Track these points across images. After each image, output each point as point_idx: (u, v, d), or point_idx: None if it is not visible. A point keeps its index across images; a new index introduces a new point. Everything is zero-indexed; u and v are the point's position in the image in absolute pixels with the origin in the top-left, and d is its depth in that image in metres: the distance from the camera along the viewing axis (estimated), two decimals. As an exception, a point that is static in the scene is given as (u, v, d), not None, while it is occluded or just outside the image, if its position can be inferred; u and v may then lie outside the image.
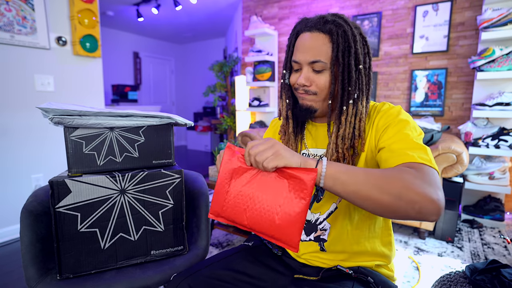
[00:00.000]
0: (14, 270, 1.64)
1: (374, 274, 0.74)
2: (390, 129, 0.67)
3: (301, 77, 0.71)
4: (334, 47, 0.67)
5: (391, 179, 0.54)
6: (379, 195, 0.53)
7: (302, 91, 0.72)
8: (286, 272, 0.79)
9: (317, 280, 0.73)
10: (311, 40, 0.69)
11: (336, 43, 0.67)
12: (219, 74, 4.54)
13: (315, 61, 0.68)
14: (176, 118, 0.95)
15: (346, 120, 0.69)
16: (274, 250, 0.84)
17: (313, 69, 0.70)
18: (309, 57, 0.69)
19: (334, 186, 0.55)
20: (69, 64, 2.25)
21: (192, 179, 1.14)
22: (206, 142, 5.99)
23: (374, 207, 0.54)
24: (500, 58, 2.13)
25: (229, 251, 0.85)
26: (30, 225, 0.86)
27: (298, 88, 0.73)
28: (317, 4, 3.27)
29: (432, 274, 1.61)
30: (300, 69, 0.72)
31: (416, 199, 0.51)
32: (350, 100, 0.69)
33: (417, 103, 2.83)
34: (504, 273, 0.87)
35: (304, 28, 0.70)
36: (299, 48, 0.71)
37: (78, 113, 0.82)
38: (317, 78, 0.70)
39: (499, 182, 2.19)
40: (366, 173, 0.55)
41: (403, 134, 0.64)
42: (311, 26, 0.69)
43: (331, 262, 0.76)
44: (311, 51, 0.68)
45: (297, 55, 0.71)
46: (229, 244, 1.96)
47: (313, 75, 0.70)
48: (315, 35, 0.69)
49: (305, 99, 0.73)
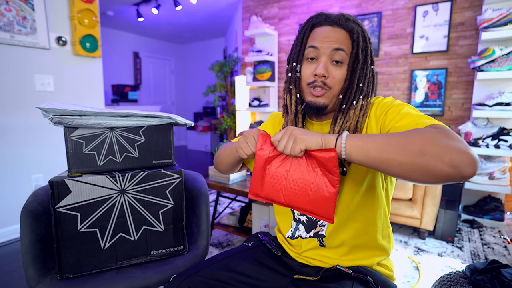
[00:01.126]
0: (14, 270, 1.64)
1: (374, 273, 0.74)
2: (390, 112, 0.67)
3: (320, 66, 0.68)
4: (354, 45, 0.68)
5: (412, 137, 0.51)
6: (403, 155, 0.50)
7: (320, 83, 0.69)
8: (286, 273, 0.79)
9: (316, 280, 0.73)
10: (333, 32, 0.68)
11: (357, 41, 0.68)
12: (219, 74, 4.54)
13: (338, 49, 0.67)
14: (176, 118, 0.96)
15: (354, 114, 0.70)
16: (274, 251, 0.84)
17: (333, 60, 0.68)
18: (332, 44, 0.67)
19: (357, 156, 0.55)
20: (69, 64, 2.25)
21: (192, 179, 1.14)
22: (206, 142, 5.99)
23: (402, 169, 0.51)
24: (500, 58, 2.13)
25: (229, 251, 0.85)
26: (30, 225, 0.86)
27: (316, 81, 0.69)
28: (317, 4, 3.27)
29: (432, 274, 1.61)
30: (316, 59, 0.70)
31: (443, 151, 0.47)
32: (361, 95, 0.70)
33: (417, 103, 2.83)
34: (504, 273, 0.87)
35: (324, 22, 0.69)
36: (319, 37, 0.69)
37: (78, 113, 0.82)
38: (335, 71, 0.69)
39: (499, 182, 2.19)
40: (386, 137, 0.54)
41: (404, 113, 0.63)
42: (333, 21, 0.69)
43: (331, 261, 0.76)
44: (334, 39, 0.67)
45: (317, 41, 0.69)
46: (229, 244, 1.96)
47: (331, 66, 0.69)
48: (337, 29, 0.68)
49: (319, 97, 0.70)
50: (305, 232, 0.79)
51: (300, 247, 0.80)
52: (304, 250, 0.79)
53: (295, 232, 0.82)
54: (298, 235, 0.80)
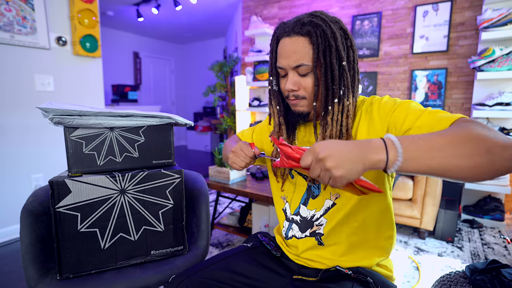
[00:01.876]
0: (14, 270, 1.64)
1: (373, 274, 0.74)
2: (398, 111, 0.64)
3: (288, 83, 0.70)
4: (315, 48, 0.66)
5: (469, 137, 0.48)
6: (471, 157, 0.46)
7: (292, 97, 0.72)
8: (285, 274, 0.79)
9: (316, 281, 0.73)
10: (291, 44, 0.68)
11: (316, 44, 0.66)
12: (219, 74, 4.54)
13: (298, 66, 0.68)
14: (176, 118, 0.96)
15: (332, 119, 0.69)
16: (273, 252, 0.84)
17: (298, 73, 0.70)
18: (292, 62, 0.68)
19: (416, 169, 0.49)
20: (69, 64, 2.25)
21: (192, 179, 1.14)
22: (206, 142, 5.99)
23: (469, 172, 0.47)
24: (500, 58, 2.13)
25: (228, 252, 0.85)
26: (30, 225, 0.86)
27: (289, 95, 0.72)
28: (317, 4, 3.27)
29: (432, 274, 1.61)
30: (286, 74, 0.72)
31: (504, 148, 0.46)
32: (335, 99, 0.68)
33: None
34: (504, 273, 0.87)
35: (283, 34, 0.70)
36: (281, 54, 0.70)
37: (78, 113, 0.82)
38: (303, 82, 0.70)
39: (499, 182, 2.19)
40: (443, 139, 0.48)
41: (417, 110, 0.61)
42: (289, 31, 0.68)
43: (330, 262, 0.76)
44: (293, 56, 0.68)
45: (281, 61, 0.71)
46: (229, 244, 1.96)
47: (299, 78, 0.70)
48: (294, 39, 0.68)
49: (297, 105, 0.73)
50: (299, 232, 0.79)
51: (297, 248, 0.80)
52: (301, 251, 0.79)
53: (288, 231, 0.82)
54: (292, 235, 0.80)
